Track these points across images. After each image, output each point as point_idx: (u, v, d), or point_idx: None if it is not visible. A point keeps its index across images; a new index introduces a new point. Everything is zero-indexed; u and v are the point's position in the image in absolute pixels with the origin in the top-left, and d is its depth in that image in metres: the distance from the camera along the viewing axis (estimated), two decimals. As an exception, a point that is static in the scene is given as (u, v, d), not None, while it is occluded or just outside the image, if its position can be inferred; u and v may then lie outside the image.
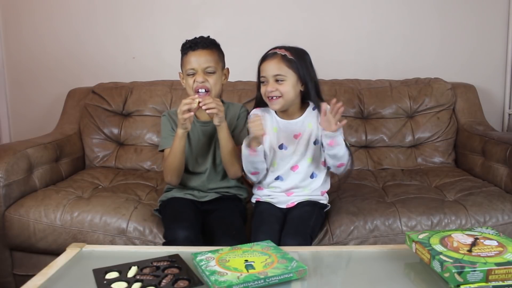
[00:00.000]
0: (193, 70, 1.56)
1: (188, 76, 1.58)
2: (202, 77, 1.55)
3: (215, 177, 1.66)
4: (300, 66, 1.50)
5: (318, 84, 1.58)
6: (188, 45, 1.58)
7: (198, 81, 1.56)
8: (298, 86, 1.53)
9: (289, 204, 1.59)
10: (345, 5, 2.47)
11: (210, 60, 1.57)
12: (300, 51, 1.55)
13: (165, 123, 1.68)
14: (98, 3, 2.51)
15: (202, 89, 1.56)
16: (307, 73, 1.52)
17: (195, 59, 1.56)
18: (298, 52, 1.53)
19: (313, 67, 1.56)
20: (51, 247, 1.65)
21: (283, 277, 1.02)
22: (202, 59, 1.56)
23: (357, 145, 2.23)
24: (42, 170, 1.90)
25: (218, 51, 1.62)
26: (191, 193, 1.64)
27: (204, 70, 1.56)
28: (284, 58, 1.50)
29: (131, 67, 2.51)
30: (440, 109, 2.25)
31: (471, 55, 2.47)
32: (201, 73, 1.56)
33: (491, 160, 1.93)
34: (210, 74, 1.57)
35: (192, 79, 1.57)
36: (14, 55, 2.57)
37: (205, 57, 1.56)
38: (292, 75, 1.50)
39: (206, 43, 1.58)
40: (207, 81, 1.56)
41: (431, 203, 1.68)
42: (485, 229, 1.17)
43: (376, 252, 1.24)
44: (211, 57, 1.57)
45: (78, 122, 2.28)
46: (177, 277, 1.04)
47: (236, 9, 2.49)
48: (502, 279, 0.96)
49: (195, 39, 1.59)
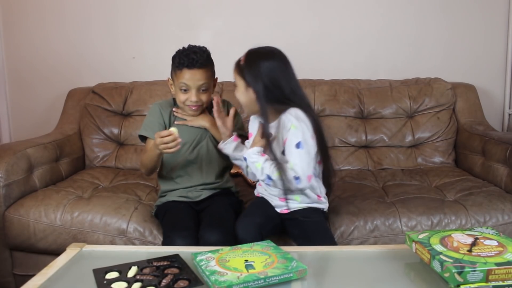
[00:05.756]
0: (187, 87, 1.54)
1: (180, 91, 1.56)
2: (196, 96, 1.54)
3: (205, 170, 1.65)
4: (248, 72, 1.42)
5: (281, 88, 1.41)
6: (185, 62, 1.52)
7: (192, 100, 1.55)
8: (249, 92, 1.43)
9: (283, 210, 1.53)
10: (345, 5, 2.47)
11: (205, 78, 1.55)
12: (252, 55, 1.45)
13: (153, 113, 1.65)
14: (98, 3, 2.50)
15: (194, 106, 1.57)
16: (255, 78, 1.40)
17: (190, 77, 1.53)
18: (251, 57, 1.44)
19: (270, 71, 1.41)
20: (51, 247, 1.65)
21: (283, 277, 1.02)
22: (197, 77, 1.53)
23: (357, 145, 2.24)
24: (42, 170, 1.90)
25: (212, 65, 1.60)
26: (185, 195, 1.62)
27: (198, 88, 1.55)
28: (238, 63, 1.46)
29: (131, 67, 2.51)
30: (440, 109, 2.25)
31: (471, 55, 2.47)
32: (195, 92, 1.54)
33: (491, 160, 1.93)
34: (204, 91, 1.56)
35: (184, 95, 1.56)
36: (14, 55, 2.56)
37: (200, 76, 1.53)
38: (240, 81, 1.45)
39: (203, 62, 1.53)
40: (200, 100, 1.56)
41: (431, 203, 1.68)
42: (485, 229, 1.17)
43: (376, 252, 1.24)
44: (206, 74, 1.55)
45: (78, 122, 2.28)
46: (177, 277, 1.04)
47: (236, 9, 2.49)
48: (502, 279, 0.96)
49: (191, 56, 1.52)
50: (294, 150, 1.37)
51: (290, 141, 1.38)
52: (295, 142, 1.37)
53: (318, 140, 1.42)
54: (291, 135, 1.38)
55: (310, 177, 1.38)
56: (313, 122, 1.41)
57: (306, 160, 1.37)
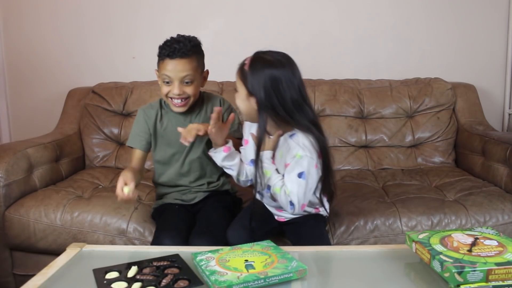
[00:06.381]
0: (169, 78, 1.46)
1: (163, 83, 1.49)
2: (178, 88, 1.46)
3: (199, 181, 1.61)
4: (252, 80, 1.31)
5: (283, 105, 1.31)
6: (166, 52, 1.44)
7: (175, 93, 1.47)
8: (251, 101, 1.33)
9: (280, 218, 1.51)
10: (345, 5, 2.47)
11: (188, 69, 1.45)
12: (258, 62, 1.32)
13: (138, 121, 1.60)
14: (98, 3, 2.50)
15: (177, 99, 1.49)
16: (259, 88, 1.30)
17: (172, 68, 1.45)
18: (257, 63, 1.32)
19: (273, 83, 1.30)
20: (51, 247, 1.65)
21: (283, 277, 1.02)
22: (179, 68, 1.44)
23: (357, 145, 2.24)
24: (42, 170, 1.90)
25: (198, 55, 1.49)
26: (180, 198, 1.60)
27: (181, 80, 1.46)
28: (242, 68, 1.35)
29: (131, 67, 2.51)
30: (440, 109, 2.25)
31: (471, 55, 2.47)
32: (177, 84, 1.46)
33: (491, 160, 1.93)
34: (188, 83, 1.48)
35: (167, 87, 1.48)
36: (14, 55, 2.56)
37: (183, 66, 1.44)
38: (242, 88, 1.35)
39: (185, 52, 1.44)
40: (184, 93, 1.48)
41: (431, 203, 1.68)
42: (485, 229, 1.16)
43: (376, 252, 1.24)
44: (189, 65, 1.45)
45: (78, 122, 2.28)
46: (177, 277, 1.04)
47: (236, 9, 2.49)
48: (502, 279, 0.96)
49: (174, 46, 1.44)
50: (295, 179, 1.33)
51: (292, 168, 1.34)
52: (298, 171, 1.33)
53: (322, 163, 1.36)
54: (295, 163, 1.33)
55: (304, 205, 1.36)
56: (319, 144, 1.34)
57: (303, 190, 1.33)
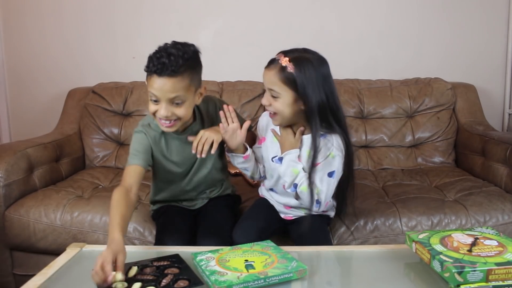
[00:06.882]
0: (156, 97, 1.28)
1: (151, 100, 1.31)
2: (165, 110, 1.28)
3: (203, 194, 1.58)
4: (301, 82, 1.26)
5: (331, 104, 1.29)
6: (154, 67, 1.25)
7: (162, 115, 1.29)
8: (298, 105, 1.30)
9: (287, 217, 1.51)
10: (345, 5, 2.47)
11: (178, 89, 1.26)
12: (305, 63, 1.27)
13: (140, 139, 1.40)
14: (98, 3, 2.50)
15: (165, 120, 1.31)
16: (313, 90, 1.26)
17: (159, 86, 1.25)
18: (302, 63, 1.26)
19: (325, 82, 1.28)
20: (51, 247, 1.65)
21: (283, 277, 1.02)
22: (167, 88, 1.25)
23: (357, 145, 2.23)
24: (42, 170, 1.90)
25: (192, 71, 1.29)
26: (180, 205, 1.58)
27: (170, 101, 1.28)
28: (282, 70, 1.27)
29: (131, 67, 2.51)
30: (440, 109, 2.25)
31: (471, 55, 2.47)
32: (165, 105, 1.28)
33: (491, 160, 1.93)
34: (178, 104, 1.29)
35: (154, 106, 1.30)
36: (14, 55, 2.56)
37: (172, 87, 1.25)
38: (287, 92, 1.28)
39: (175, 69, 1.23)
40: (172, 114, 1.30)
41: (431, 203, 1.68)
42: (485, 229, 1.16)
43: (376, 252, 1.24)
44: (180, 84, 1.26)
45: (78, 122, 2.28)
46: (177, 277, 1.04)
47: (236, 9, 2.48)
48: (502, 279, 0.96)
49: (162, 61, 1.24)
50: (326, 178, 1.34)
51: (324, 167, 1.33)
52: (330, 170, 1.34)
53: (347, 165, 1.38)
54: (328, 163, 1.34)
55: (328, 203, 1.41)
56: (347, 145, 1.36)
57: (332, 189, 1.36)
